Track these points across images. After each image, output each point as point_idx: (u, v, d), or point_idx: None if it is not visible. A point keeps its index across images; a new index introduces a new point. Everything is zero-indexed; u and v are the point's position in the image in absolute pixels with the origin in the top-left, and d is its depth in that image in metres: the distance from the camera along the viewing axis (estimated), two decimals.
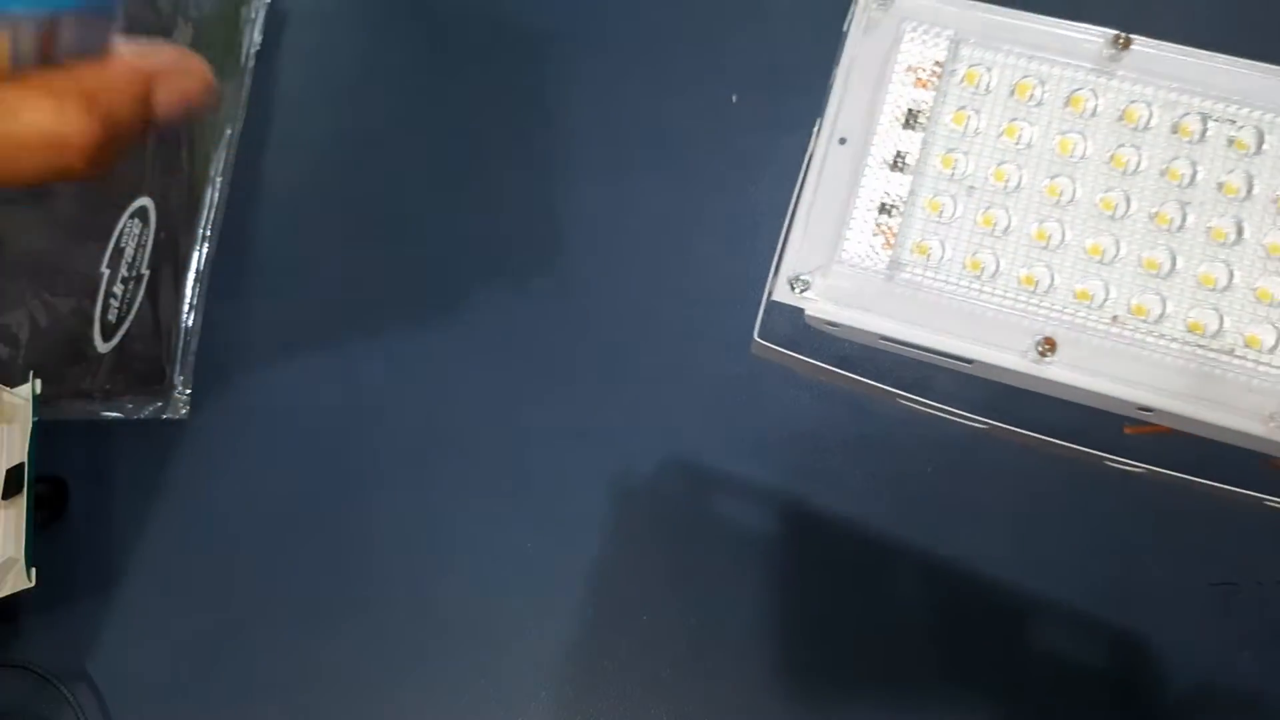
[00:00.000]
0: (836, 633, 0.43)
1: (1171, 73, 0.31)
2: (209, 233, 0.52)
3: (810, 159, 0.31)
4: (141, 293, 0.50)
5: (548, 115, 0.54)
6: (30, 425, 0.44)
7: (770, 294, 0.30)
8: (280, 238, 0.53)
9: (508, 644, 0.44)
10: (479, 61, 0.56)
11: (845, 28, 0.32)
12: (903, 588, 0.45)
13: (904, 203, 0.30)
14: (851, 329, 0.30)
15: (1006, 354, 0.29)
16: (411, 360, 0.49)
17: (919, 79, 0.31)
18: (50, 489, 0.46)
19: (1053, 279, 0.29)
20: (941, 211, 0.30)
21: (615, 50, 0.55)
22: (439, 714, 0.43)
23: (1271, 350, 0.28)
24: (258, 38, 0.57)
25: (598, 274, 0.50)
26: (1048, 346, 0.29)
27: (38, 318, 0.49)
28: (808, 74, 0.53)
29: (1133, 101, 0.30)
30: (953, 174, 0.30)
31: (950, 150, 0.31)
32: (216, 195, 0.53)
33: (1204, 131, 0.30)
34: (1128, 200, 0.30)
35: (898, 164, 0.30)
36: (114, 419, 0.48)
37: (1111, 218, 0.30)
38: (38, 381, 0.45)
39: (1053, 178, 0.30)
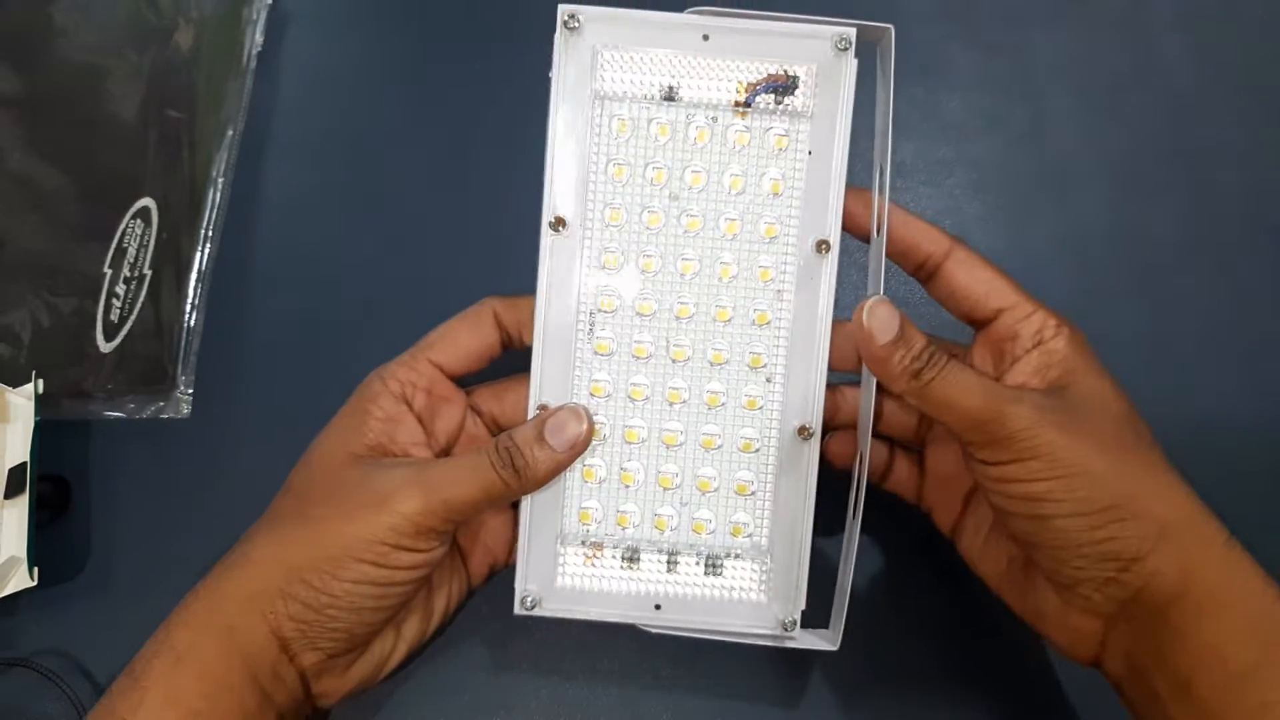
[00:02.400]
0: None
1: None
2: (211, 233, 0.52)
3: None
4: (144, 293, 0.50)
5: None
6: (32, 424, 0.44)
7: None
8: (281, 238, 0.53)
9: (508, 644, 0.44)
10: (479, 61, 0.56)
11: None
12: (904, 587, 0.45)
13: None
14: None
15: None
16: None
17: None
18: (52, 488, 0.46)
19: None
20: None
21: None
22: (439, 713, 0.43)
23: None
24: (259, 38, 0.57)
25: None
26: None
27: (40, 318, 0.49)
28: None
29: None
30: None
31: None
32: (218, 196, 0.53)
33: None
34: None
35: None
36: (116, 418, 0.49)
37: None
38: (40, 381, 0.45)
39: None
